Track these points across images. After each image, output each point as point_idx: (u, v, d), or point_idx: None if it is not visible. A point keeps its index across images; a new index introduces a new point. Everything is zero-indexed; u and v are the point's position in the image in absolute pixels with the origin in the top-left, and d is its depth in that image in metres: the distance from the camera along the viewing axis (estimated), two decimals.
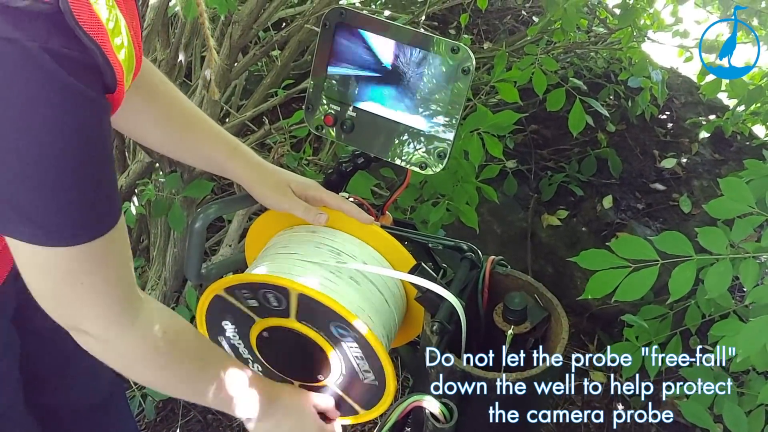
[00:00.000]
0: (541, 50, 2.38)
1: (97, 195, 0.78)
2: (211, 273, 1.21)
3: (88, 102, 0.71)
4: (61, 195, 0.73)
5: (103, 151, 0.77)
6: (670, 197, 2.75)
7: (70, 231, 0.76)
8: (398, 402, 1.00)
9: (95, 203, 0.78)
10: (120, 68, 0.73)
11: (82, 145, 0.73)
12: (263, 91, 2.56)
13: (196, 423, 2.14)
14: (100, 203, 0.78)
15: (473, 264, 1.08)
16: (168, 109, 1.10)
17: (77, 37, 0.67)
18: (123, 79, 0.75)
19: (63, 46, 0.67)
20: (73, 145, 0.72)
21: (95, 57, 0.69)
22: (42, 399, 1.26)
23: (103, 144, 0.77)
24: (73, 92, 0.69)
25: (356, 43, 1.02)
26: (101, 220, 0.79)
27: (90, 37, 0.68)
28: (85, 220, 0.77)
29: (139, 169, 1.92)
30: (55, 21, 0.66)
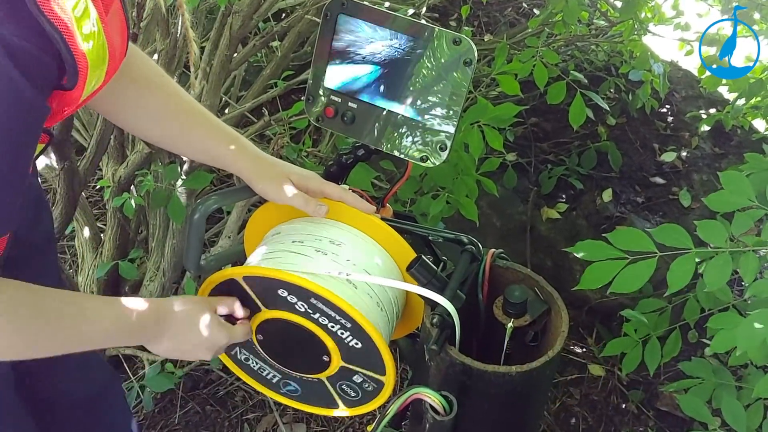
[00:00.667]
0: (542, 43, 2.37)
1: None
2: (210, 264, 1.21)
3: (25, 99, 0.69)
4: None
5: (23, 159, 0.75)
6: (670, 191, 2.75)
7: None
8: (398, 395, 1.00)
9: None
10: (84, 60, 0.71)
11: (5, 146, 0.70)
12: (263, 82, 2.56)
13: (194, 414, 2.15)
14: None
15: (473, 257, 1.08)
16: (165, 103, 1.10)
17: (38, 25, 0.64)
18: (86, 70, 0.72)
19: (17, 34, 0.64)
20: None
21: (57, 46, 0.67)
22: (34, 393, 1.25)
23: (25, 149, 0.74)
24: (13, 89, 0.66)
25: (357, 34, 1.02)
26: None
27: (53, 25, 0.65)
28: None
29: (138, 160, 1.92)
30: (15, 5, 0.63)
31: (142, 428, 2.10)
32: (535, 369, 0.97)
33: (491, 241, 2.61)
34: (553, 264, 2.63)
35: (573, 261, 2.47)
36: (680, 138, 2.95)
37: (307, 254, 1.04)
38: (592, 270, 1.43)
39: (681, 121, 3.01)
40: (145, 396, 2.02)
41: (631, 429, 2.24)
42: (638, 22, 2.55)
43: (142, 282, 2.16)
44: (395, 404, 1.00)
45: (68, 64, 0.70)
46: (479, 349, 1.10)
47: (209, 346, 1.05)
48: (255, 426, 2.14)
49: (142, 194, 1.96)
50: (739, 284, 2.39)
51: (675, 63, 3.28)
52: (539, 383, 1.04)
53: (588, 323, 2.58)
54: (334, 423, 2.16)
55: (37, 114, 0.72)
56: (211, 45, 1.94)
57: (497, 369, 0.97)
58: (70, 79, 0.71)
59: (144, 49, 2.02)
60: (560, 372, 2.39)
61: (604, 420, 2.28)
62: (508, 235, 2.66)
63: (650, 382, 2.37)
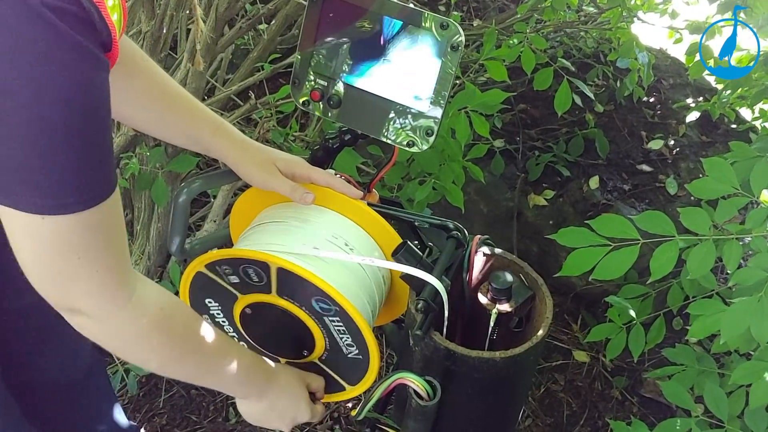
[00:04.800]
0: (530, 29, 2.36)
1: (99, 159, 0.75)
2: (195, 248, 1.20)
3: (92, 58, 0.70)
4: (65, 157, 0.70)
5: (107, 111, 0.75)
6: (657, 179, 2.76)
7: (70, 197, 0.72)
8: (382, 379, 1.00)
9: (96, 168, 0.75)
10: (114, 28, 0.72)
11: (88, 103, 0.71)
12: (250, 65, 2.54)
13: (179, 398, 2.15)
14: (100, 168, 0.76)
15: (459, 243, 1.08)
16: (149, 87, 1.08)
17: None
18: (117, 41, 0.73)
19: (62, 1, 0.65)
20: (79, 102, 0.69)
21: (92, 15, 0.68)
22: (19, 377, 1.25)
23: (107, 103, 0.75)
24: (78, 48, 0.67)
25: (344, 17, 1.01)
26: (101, 186, 0.76)
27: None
28: (86, 185, 0.74)
29: (123, 142, 1.91)
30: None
31: (127, 412, 2.10)
32: (519, 355, 0.97)
33: (478, 227, 2.62)
34: (539, 250, 2.64)
35: (559, 248, 2.47)
36: (667, 126, 2.96)
37: (293, 239, 1.03)
38: (574, 257, 1.43)
39: (668, 109, 3.02)
40: (129, 379, 2.01)
41: (615, 415, 2.26)
42: (626, 9, 2.55)
43: None
44: (379, 389, 1.00)
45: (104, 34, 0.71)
46: (464, 335, 1.11)
47: (292, 420, 1.09)
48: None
49: (127, 177, 1.95)
50: (724, 271, 2.40)
51: (663, 51, 3.28)
52: (523, 369, 1.04)
53: (573, 309, 2.59)
54: None
55: (100, 63, 0.72)
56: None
57: (481, 354, 0.97)
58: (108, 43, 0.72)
59: (128, 31, 2.00)
60: (545, 358, 2.40)
61: (589, 406, 2.30)
62: (495, 222, 2.67)
63: (634, 369, 2.38)
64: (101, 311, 0.83)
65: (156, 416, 2.11)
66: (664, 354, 1.80)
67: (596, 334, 1.89)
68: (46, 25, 0.64)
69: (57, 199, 0.72)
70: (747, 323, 1.26)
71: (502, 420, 1.15)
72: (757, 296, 1.26)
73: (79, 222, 0.74)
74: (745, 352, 1.55)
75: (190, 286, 1.09)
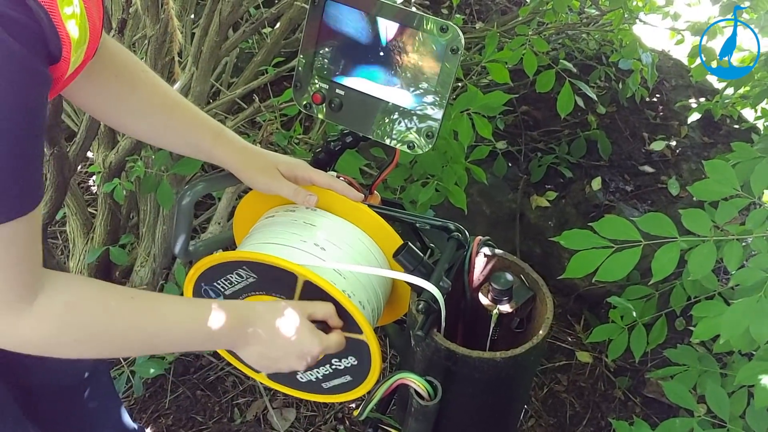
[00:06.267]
0: (532, 31, 2.37)
1: (29, 172, 0.74)
2: (199, 250, 1.21)
3: (31, 70, 0.69)
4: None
5: (39, 126, 0.74)
6: (659, 180, 2.76)
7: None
8: (384, 379, 1.01)
9: (24, 180, 0.74)
10: (67, 39, 0.71)
11: (21, 116, 0.70)
12: (254, 69, 2.55)
13: (185, 399, 2.16)
14: (30, 181, 0.75)
15: (460, 244, 1.09)
16: (150, 97, 1.09)
17: (25, 2, 0.65)
18: (70, 52, 0.72)
19: (9, 8, 0.64)
20: (12, 115, 0.69)
21: (41, 22, 0.67)
22: (20, 379, 1.26)
23: (41, 119, 0.74)
24: (17, 58, 0.66)
25: (345, 21, 1.02)
26: (29, 199, 0.76)
27: (38, 3, 0.66)
28: (10, 199, 0.73)
29: (129, 146, 1.92)
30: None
31: (133, 413, 2.11)
32: (520, 355, 0.98)
33: (481, 228, 2.62)
34: (542, 251, 2.65)
35: (562, 249, 2.48)
36: (669, 127, 2.97)
37: (295, 241, 1.04)
38: (577, 259, 1.44)
39: (670, 110, 3.03)
40: (135, 381, 2.03)
41: (617, 415, 2.26)
42: (628, 11, 2.56)
43: (133, 267, 2.17)
44: (381, 389, 1.00)
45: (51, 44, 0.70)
46: (465, 335, 1.12)
47: (300, 353, 0.98)
48: (245, 411, 2.15)
49: (133, 180, 1.97)
50: (726, 272, 2.41)
51: (665, 52, 3.29)
52: (524, 369, 1.05)
53: (576, 310, 2.60)
54: (323, 408, 2.17)
55: (42, 80, 0.72)
56: (201, 31, 1.93)
57: (482, 355, 0.98)
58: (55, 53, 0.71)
59: (133, 36, 2.02)
60: (548, 359, 2.40)
61: (591, 406, 2.30)
62: (497, 223, 2.68)
63: (637, 369, 2.39)
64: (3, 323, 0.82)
65: (161, 417, 2.12)
66: (666, 354, 1.81)
67: (598, 334, 1.90)
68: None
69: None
70: (747, 323, 1.27)
71: (503, 420, 1.16)
72: (756, 297, 1.27)
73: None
74: (747, 352, 1.55)
75: (193, 288, 1.11)
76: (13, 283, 0.79)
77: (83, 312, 0.86)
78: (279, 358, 0.99)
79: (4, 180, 0.72)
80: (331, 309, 1.00)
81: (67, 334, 0.86)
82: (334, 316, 1.01)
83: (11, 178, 0.72)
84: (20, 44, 0.66)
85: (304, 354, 0.98)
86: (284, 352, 0.98)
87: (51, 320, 0.84)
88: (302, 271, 0.98)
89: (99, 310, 0.88)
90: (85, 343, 0.88)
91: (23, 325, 0.82)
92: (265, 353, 0.99)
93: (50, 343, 0.86)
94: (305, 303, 1.00)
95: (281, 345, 0.97)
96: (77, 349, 0.89)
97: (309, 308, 0.99)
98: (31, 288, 0.82)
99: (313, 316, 0.99)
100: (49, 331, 0.84)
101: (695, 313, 1.48)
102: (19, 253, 0.78)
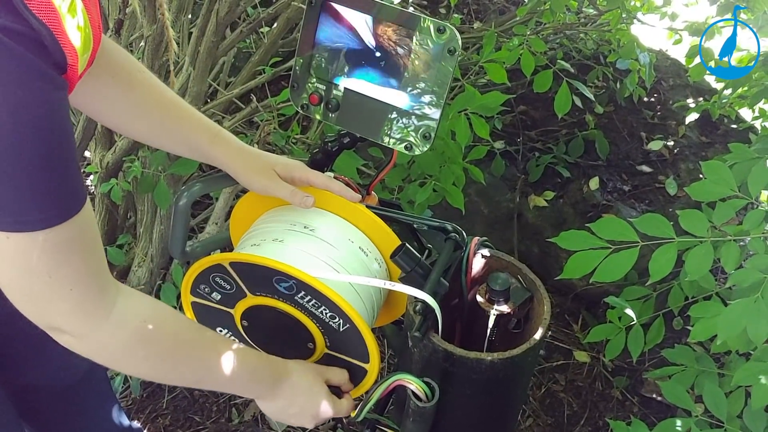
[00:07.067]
0: (530, 31, 2.37)
1: (59, 176, 0.75)
2: (196, 251, 1.21)
3: (49, 79, 0.70)
4: (28, 175, 0.70)
5: (67, 129, 0.75)
6: (657, 179, 2.76)
7: (30, 215, 0.72)
8: (381, 380, 1.01)
9: (57, 185, 0.75)
10: (73, 51, 0.71)
11: (48, 122, 0.71)
12: (251, 69, 2.55)
13: (182, 399, 2.16)
14: (62, 185, 0.75)
15: (457, 244, 1.09)
16: (146, 98, 1.09)
17: (25, 18, 0.65)
18: (77, 62, 0.73)
19: (15, 22, 0.65)
20: (40, 123, 0.70)
21: (42, 37, 0.67)
22: (16, 380, 1.26)
23: (67, 122, 0.75)
24: (35, 68, 0.67)
25: (342, 22, 1.02)
26: (65, 204, 0.76)
27: (38, 19, 0.66)
28: (48, 203, 0.74)
29: (126, 146, 1.92)
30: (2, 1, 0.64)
31: (131, 413, 2.11)
32: (517, 356, 0.98)
33: (479, 228, 2.62)
34: (539, 251, 2.65)
35: (559, 249, 2.47)
36: (667, 127, 2.97)
37: (292, 242, 1.04)
38: (575, 259, 1.44)
39: (668, 110, 3.03)
40: (132, 381, 2.03)
41: (615, 415, 2.27)
42: (626, 11, 2.56)
43: (131, 268, 2.16)
44: (378, 391, 1.00)
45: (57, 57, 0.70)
46: (462, 336, 1.11)
47: (314, 416, 1.08)
48: (243, 411, 2.15)
49: (130, 180, 1.96)
50: (724, 272, 2.41)
51: (663, 52, 3.29)
52: (521, 370, 1.05)
53: (574, 310, 2.60)
54: None
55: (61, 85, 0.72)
56: (198, 31, 1.93)
57: (479, 356, 0.98)
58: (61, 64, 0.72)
59: (130, 36, 2.02)
60: (546, 358, 2.41)
61: (589, 406, 2.31)
62: (495, 223, 2.68)
63: (635, 369, 2.39)
64: (81, 329, 0.83)
65: (159, 417, 2.12)
66: (663, 354, 1.81)
67: (596, 334, 1.90)
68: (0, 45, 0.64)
69: (15, 216, 0.72)
70: (744, 324, 1.27)
71: (501, 421, 1.16)
72: (753, 297, 1.27)
73: (46, 240, 0.74)
74: (745, 352, 1.55)
75: (191, 288, 1.11)
76: (86, 289, 0.81)
77: (160, 331, 0.90)
78: (295, 414, 1.08)
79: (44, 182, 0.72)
80: (346, 376, 1.10)
81: (140, 348, 0.89)
82: (347, 383, 1.11)
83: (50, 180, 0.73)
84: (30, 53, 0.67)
85: (317, 416, 1.08)
86: (301, 411, 1.08)
87: (130, 331, 0.87)
88: (297, 273, 0.98)
89: (172, 333, 0.93)
90: (152, 361, 0.91)
91: (103, 330, 0.84)
92: (284, 409, 1.07)
93: (123, 353, 0.88)
94: (325, 368, 1.10)
95: (300, 405, 1.07)
96: (142, 365, 0.92)
97: (328, 374, 1.09)
98: (106, 294, 0.84)
99: (329, 381, 1.09)
100: (126, 341, 0.87)
101: (693, 314, 1.48)
102: (80, 257, 0.79)
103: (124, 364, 0.92)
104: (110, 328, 0.85)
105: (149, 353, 0.90)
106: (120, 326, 0.85)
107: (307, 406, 1.07)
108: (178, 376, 0.98)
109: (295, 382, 1.06)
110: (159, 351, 0.91)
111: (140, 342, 0.88)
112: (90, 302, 0.82)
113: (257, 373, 1.02)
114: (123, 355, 0.89)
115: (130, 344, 0.88)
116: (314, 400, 1.06)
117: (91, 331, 0.84)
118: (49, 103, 0.71)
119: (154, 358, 0.91)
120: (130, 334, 0.87)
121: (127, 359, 0.90)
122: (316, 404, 1.07)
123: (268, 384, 1.04)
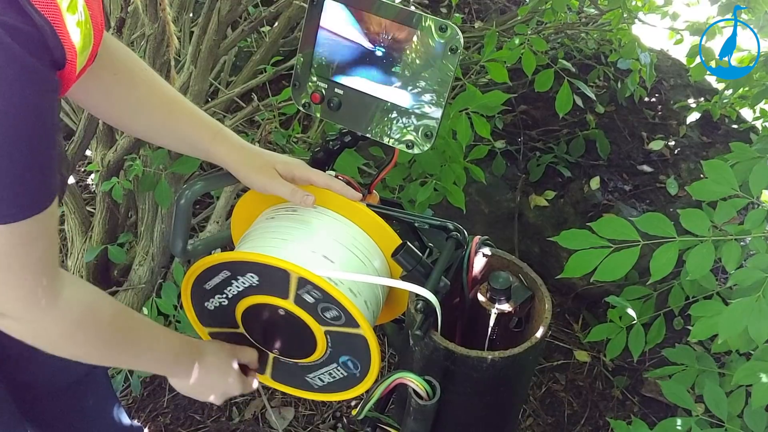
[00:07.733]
0: (531, 30, 2.37)
1: (40, 173, 0.77)
2: (197, 249, 1.21)
3: (40, 78, 0.71)
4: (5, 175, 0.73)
5: (51, 128, 0.77)
6: (658, 179, 2.76)
7: (6, 210, 0.75)
8: (382, 379, 1.01)
9: (37, 181, 0.77)
10: (72, 48, 0.72)
11: (32, 121, 0.73)
12: (252, 67, 2.55)
13: (183, 397, 2.15)
14: (40, 181, 0.78)
15: (459, 243, 1.09)
16: (148, 96, 1.10)
17: (28, 14, 0.67)
18: (75, 59, 0.74)
19: (16, 19, 0.66)
20: (24, 120, 0.71)
21: (44, 33, 0.68)
22: (17, 377, 1.26)
23: (52, 122, 0.77)
24: (27, 68, 0.69)
25: (344, 20, 1.02)
26: (38, 200, 0.78)
27: (41, 14, 0.67)
28: (23, 200, 0.76)
29: (127, 144, 1.92)
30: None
31: (131, 412, 2.11)
32: (518, 355, 0.98)
33: (480, 227, 2.63)
34: (540, 251, 2.65)
35: (560, 248, 2.49)
36: (668, 127, 2.97)
37: (292, 241, 1.04)
38: (575, 258, 1.44)
39: (669, 110, 3.03)
40: (133, 380, 2.03)
41: (615, 414, 2.27)
42: (627, 10, 2.56)
43: (131, 266, 2.17)
44: (379, 389, 1.00)
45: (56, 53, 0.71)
46: (464, 335, 1.12)
47: (223, 393, 1.15)
48: (243, 409, 2.15)
49: (131, 179, 1.96)
50: (725, 271, 2.41)
51: (664, 52, 3.29)
52: (522, 369, 1.05)
53: (574, 309, 2.60)
54: (321, 407, 2.18)
55: (52, 86, 0.74)
56: (200, 30, 1.93)
57: (480, 354, 0.98)
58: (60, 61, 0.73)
59: (132, 34, 2.02)
60: (546, 358, 2.41)
61: (590, 405, 2.31)
62: (496, 222, 2.68)
63: (635, 369, 2.39)
64: (27, 315, 0.86)
65: (160, 416, 2.12)
66: (664, 354, 1.81)
67: (596, 334, 1.90)
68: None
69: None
70: (745, 323, 1.27)
71: (502, 419, 1.16)
72: (754, 296, 1.27)
73: (11, 233, 0.77)
74: (745, 352, 1.55)
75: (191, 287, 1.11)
76: (38, 280, 0.83)
77: (99, 317, 0.94)
78: (204, 391, 1.14)
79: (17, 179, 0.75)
80: (255, 356, 1.16)
81: (80, 333, 0.92)
82: (254, 362, 1.17)
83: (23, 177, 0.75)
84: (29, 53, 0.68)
85: (226, 393, 1.16)
86: (211, 387, 1.14)
87: (73, 318, 0.90)
88: (299, 270, 0.98)
89: (110, 319, 0.96)
90: (89, 346, 0.96)
91: (48, 318, 0.87)
92: (195, 386, 1.12)
93: (66, 339, 0.92)
94: (235, 347, 1.15)
95: (210, 382, 1.12)
96: (79, 349, 0.96)
97: (238, 353, 1.14)
98: (54, 283, 0.86)
99: (240, 360, 1.15)
100: (69, 327, 0.90)
101: (693, 313, 1.48)
102: (39, 250, 0.82)
103: (61, 347, 0.94)
104: (56, 315, 0.87)
105: (88, 338, 0.94)
106: (65, 313, 0.88)
107: (217, 384, 1.13)
108: (110, 359, 1.04)
109: (209, 361, 1.11)
110: (97, 336, 0.95)
111: (80, 328, 0.91)
112: (41, 290, 0.84)
113: (180, 355, 1.08)
114: (62, 340, 0.92)
115: (71, 330, 0.91)
116: (223, 378, 1.12)
117: (37, 317, 0.86)
118: (35, 108, 0.73)
119: (92, 342, 0.95)
120: (73, 321, 0.90)
121: (65, 343, 0.93)
122: (224, 382, 1.13)
123: (186, 364, 1.09)
